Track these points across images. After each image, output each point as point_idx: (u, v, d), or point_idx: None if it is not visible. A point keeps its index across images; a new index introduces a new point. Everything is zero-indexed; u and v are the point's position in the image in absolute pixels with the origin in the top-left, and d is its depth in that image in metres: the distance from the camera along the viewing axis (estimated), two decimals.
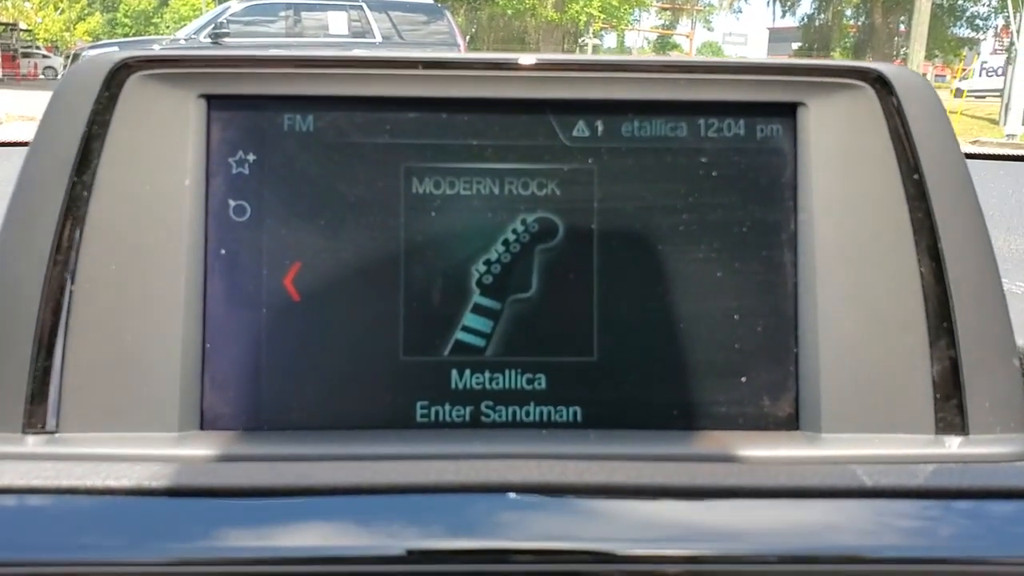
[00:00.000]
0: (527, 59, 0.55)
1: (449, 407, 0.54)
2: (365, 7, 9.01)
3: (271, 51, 0.55)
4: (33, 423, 0.52)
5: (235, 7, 9.09)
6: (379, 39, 8.90)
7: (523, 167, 0.55)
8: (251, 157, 0.54)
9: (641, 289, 0.55)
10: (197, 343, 0.53)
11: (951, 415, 0.53)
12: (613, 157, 0.55)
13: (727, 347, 0.55)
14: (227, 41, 8.74)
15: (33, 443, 0.51)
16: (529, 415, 0.54)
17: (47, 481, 0.47)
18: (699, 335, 0.55)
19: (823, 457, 0.52)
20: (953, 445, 0.53)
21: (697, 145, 0.56)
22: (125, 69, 0.53)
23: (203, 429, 0.53)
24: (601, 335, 0.55)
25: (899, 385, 0.54)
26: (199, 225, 0.53)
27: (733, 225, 0.55)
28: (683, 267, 0.55)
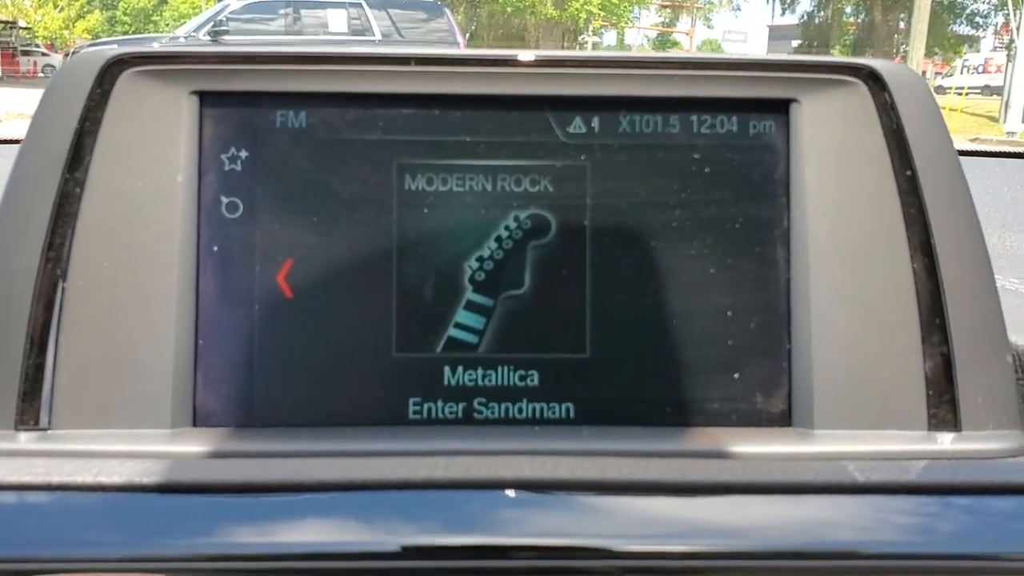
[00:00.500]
0: (520, 55, 0.55)
1: (442, 403, 0.54)
2: (364, 5, 9.00)
3: (264, 47, 0.55)
4: (25, 420, 0.51)
5: (234, 5, 9.08)
6: (379, 37, 8.89)
7: (516, 163, 0.55)
8: (243, 154, 0.54)
9: (634, 285, 0.55)
10: (190, 340, 0.53)
11: (944, 411, 0.53)
12: (606, 153, 0.55)
13: (720, 343, 0.55)
14: (226, 39, 8.73)
15: (25, 440, 0.51)
16: (522, 411, 0.54)
17: (39, 478, 0.47)
18: (692, 331, 0.55)
19: (816, 453, 0.52)
20: (946, 441, 0.53)
21: (690, 141, 0.55)
22: (117, 66, 0.53)
23: (195, 426, 0.53)
24: (594, 331, 0.54)
25: (892, 381, 0.54)
26: (191, 222, 0.53)
27: (726, 221, 0.55)
28: (676, 263, 0.55)
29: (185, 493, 0.46)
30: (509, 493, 0.47)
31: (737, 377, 0.55)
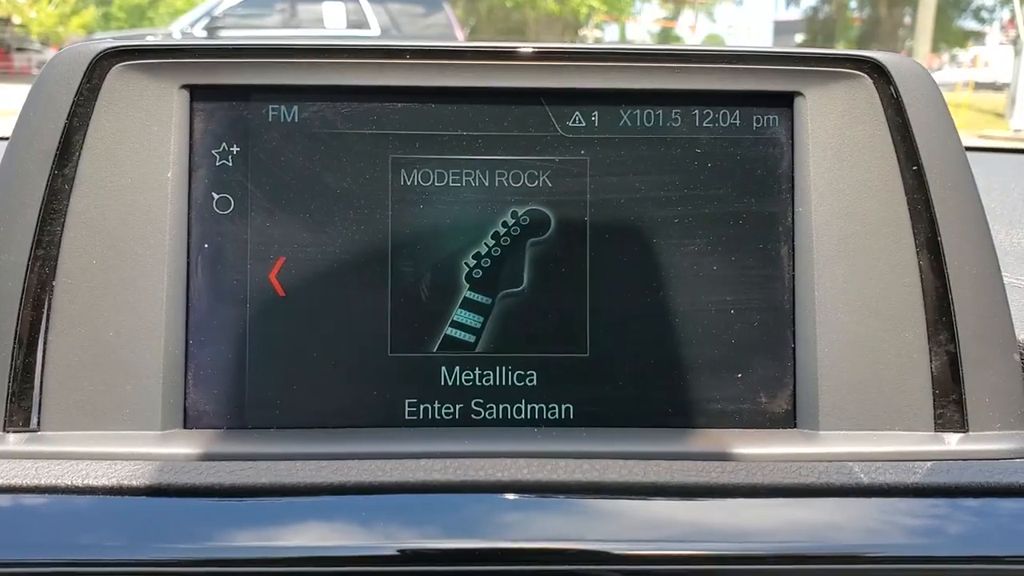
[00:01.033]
0: (517, 48, 0.54)
1: (438, 404, 0.53)
2: None
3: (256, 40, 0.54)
4: (14, 421, 0.51)
5: (230, 0, 9.05)
6: (377, 31, 8.87)
7: (514, 158, 0.54)
8: (235, 149, 0.53)
9: (635, 283, 0.54)
10: (180, 340, 0.52)
11: (950, 411, 0.53)
12: (606, 148, 0.54)
13: (723, 342, 0.54)
14: (223, 34, 8.70)
15: (14, 441, 0.50)
16: (520, 412, 0.54)
17: (27, 480, 0.46)
18: (694, 330, 0.54)
19: (821, 455, 0.51)
20: (952, 442, 0.52)
21: (692, 135, 0.55)
22: (106, 60, 0.52)
23: (186, 427, 0.52)
24: (594, 330, 0.54)
25: (898, 381, 0.53)
26: (182, 219, 0.53)
27: (729, 217, 0.54)
28: (678, 260, 0.54)
29: (176, 496, 0.46)
30: (507, 496, 0.46)
31: (740, 377, 0.54)
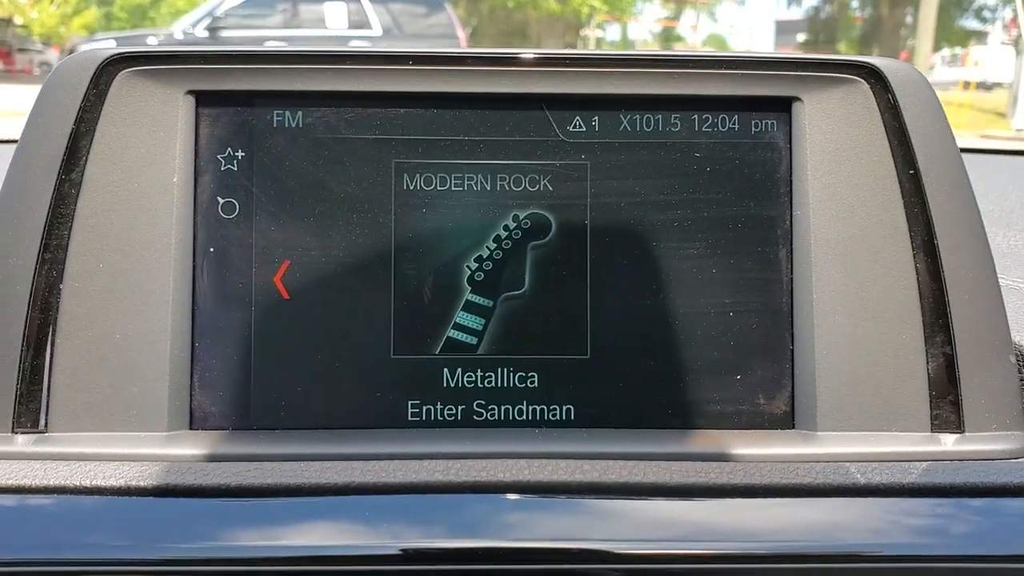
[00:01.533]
0: (519, 54, 0.54)
1: (440, 406, 0.54)
2: None
3: (266, 45, 0.55)
4: (23, 422, 0.51)
5: (232, 0, 9.04)
6: (378, 32, 8.86)
7: (515, 163, 0.54)
8: (240, 154, 0.54)
9: (635, 286, 0.54)
10: (186, 342, 0.53)
11: (947, 412, 0.53)
12: (606, 152, 0.55)
13: (722, 344, 0.54)
14: (224, 34, 8.69)
15: (23, 442, 0.51)
16: (522, 414, 0.54)
17: (36, 481, 0.47)
18: (693, 332, 0.54)
19: (818, 455, 0.52)
20: (949, 442, 0.53)
21: (691, 140, 0.55)
22: (112, 66, 0.53)
23: (192, 429, 0.53)
24: (594, 333, 0.54)
25: (895, 382, 0.53)
26: (187, 223, 0.53)
27: (728, 221, 0.55)
28: (677, 263, 0.54)
29: (182, 496, 0.46)
30: (509, 496, 0.46)
31: (739, 379, 0.54)
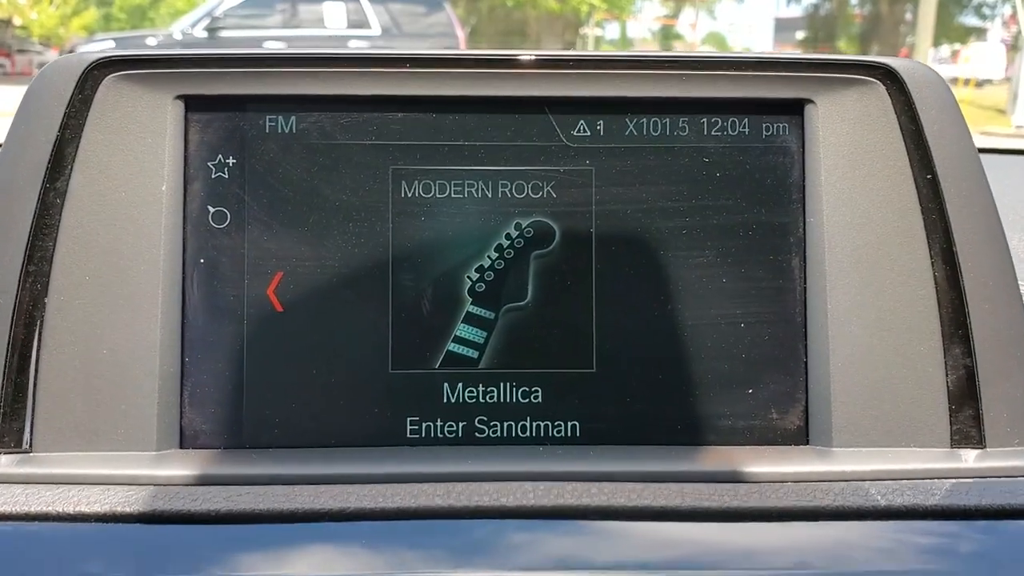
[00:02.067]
0: (520, 55, 0.53)
1: (440, 423, 0.52)
2: None
3: (264, 45, 0.53)
4: (6, 442, 0.50)
5: (231, 1, 9.04)
6: (378, 31, 8.85)
7: (517, 169, 0.53)
8: (231, 161, 0.52)
9: (642, 297, 0.53)
10: (176, 357, 0.51)
11: (967, 427, 0.52)
12: (612, 157, 0.53)
13: (733, 357, 0.53)
14: (223, 35, 8.68)
15: (5, 463, 0.49)
16: (525, 430, 0.52)
17: (16, 507, 0.45)
18: (703, 345, 0.53)
19: (834, 473, 0.50)
20: (970, 459, 0.51)
21: (700, 144, 0.53)
22: (98, 70, 0.51)
23: (182, 448, 0.51)
24: (600, 345, 0.53)
25: (912, 396, 0.52)
26: (177, 233, 0.51)
27: (738, 228, 0.53)
28: (686, 273, 0.53)
29: (171, 523, 0.45)
30: (513, 521, 0.45)
31: (751, 392, 0.53)
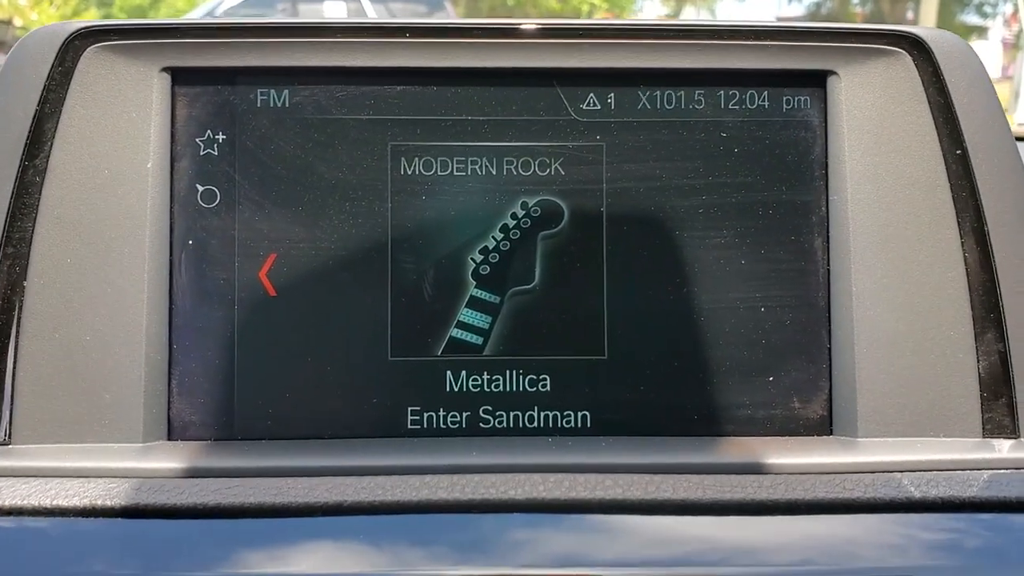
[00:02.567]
0: (525, 24, 0.51)
1: (443, 412, 0.51)
2: None
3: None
4: None
5: (231, 0, 9.08)
6: None
7: (523, 145, 0.52)
8: (220, 137, 0.51)
9: (656, 279, 0.51)
10: (163, 344, 0.50)
11: (1000, 415, 0.50)
12: (624, 132, 0.52)
13: (752, 343, 0.51)
14: None
15: None
16: (533, 421, 0.51)
17: None
18: (721, 330, 0.51)
19: (860, 464, 0.49)
20: (1003, 449, 0.50)
21: (717, 118, 0.52)
22: (80, 40, 0.50)
23: (170, 439, 0.50)
24: (612, 331, 0.51)
25: (942, 383, 0.50)
26: (164, 213, 0.50)
27: (757, 207, 0.52)
28: (702, 255, 0.51)
29: (153, 518, 0.43)
30: (522, 515, 0.43)
31: (771, 380, 0.51)
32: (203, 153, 0.50)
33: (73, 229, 0.49)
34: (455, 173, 0.51)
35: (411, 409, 0.51)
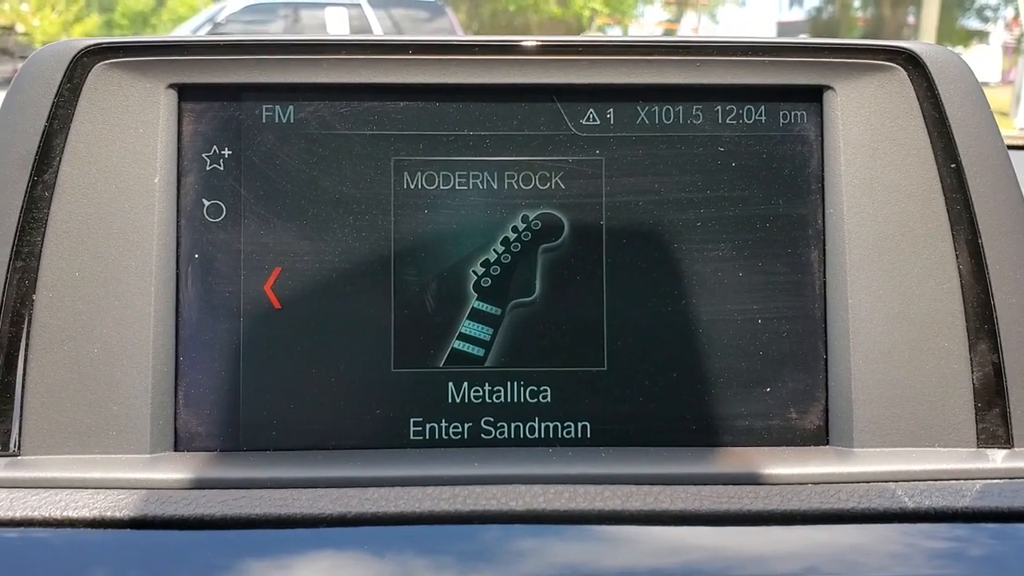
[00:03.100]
0: (526, 42, 0.51)
1: (445, 423, 0.51)
2: (364, 4, 8.99)
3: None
4: None
5: (233, 6, 9.07)
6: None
7: (524, 159, 0.52)
8: (226, 152, 0.51)
9: (655, 292, 0.51)
10: (170, 356, 0.50)
11: (994, 426, 0.50)
12: (623, 147, 0.52)
13: (749, 354, 0.51)
14: None
15: None
16: (533, 431, 0.51)
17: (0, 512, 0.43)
18: (719, 342, 0.51)
19: (856, 474, 0.49)
20: (997, 459, 0.50)
21: (714, 133, 0.52)
22: (88, 57, 0.50)
23: (177, 450, 0.50)
24: (611, 343, 0.51)
25: (937, 394, 0.50)
26: (170, 227, 0.50)
27: (755, 220, 0.52)
28: (700, 267, 0.51)
29: (161, 528, 0.43)
30: (523, 526, 0.43)
31: (768, 391, 0.51)
32: (209, 168, 0.51)
33: (81, 243, 0.49)
34: (457, 187, 0.51)
35: (414, 420, 0.51)
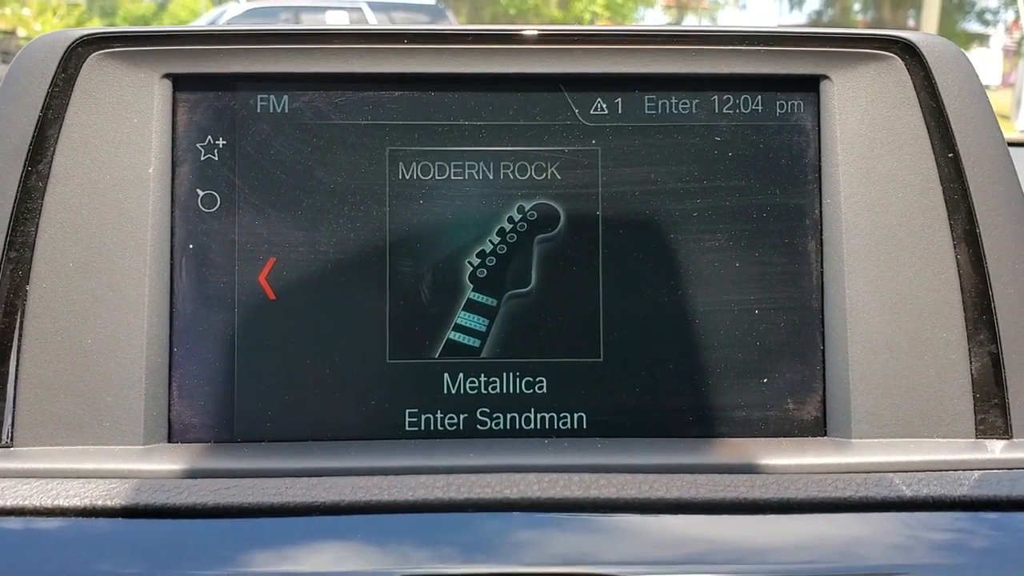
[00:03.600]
0: (521, 31, 0.51)
1: (441, 414, 0.51)
2: (365, 8, 9.00)
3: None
4: None
5: (233, 10, 9.08)
6: None
7: (520, 149, 0.52)
8: (221, 142, 0.51)
9: (651, 282, 0.51)
10: (163, 347, 0.50)
11: (993, 416, 0.50)
12: (619, 137, 0.52)
13: (747, 345, 0.51)
14: None
15: None
16: (529, 422, 0.51)
17: None
18: (716, 332, 0.51)
19: (853, 465, 0.49)
20: (996, 449, 0.49)
21: (711, 123, 0.52)
22: (82, 47, 0.50)
23: (170, 441, 0.50)
24: (607, 333, 0.51)
25: (935, 384, 0.50)
26: (164, 217, 0.50)
27: (752, 211, 0.52)
28: (697, 258, 0.51)
29: (153, 517, 0.43)
30: (517, 515, 0.43)
31: (765, 382, 0.51)
32: (204, 158, 0.51)
33: (75, 233, 0.49)
34: (452, 177, 0.51)
35: (409, 411, 0.51)
